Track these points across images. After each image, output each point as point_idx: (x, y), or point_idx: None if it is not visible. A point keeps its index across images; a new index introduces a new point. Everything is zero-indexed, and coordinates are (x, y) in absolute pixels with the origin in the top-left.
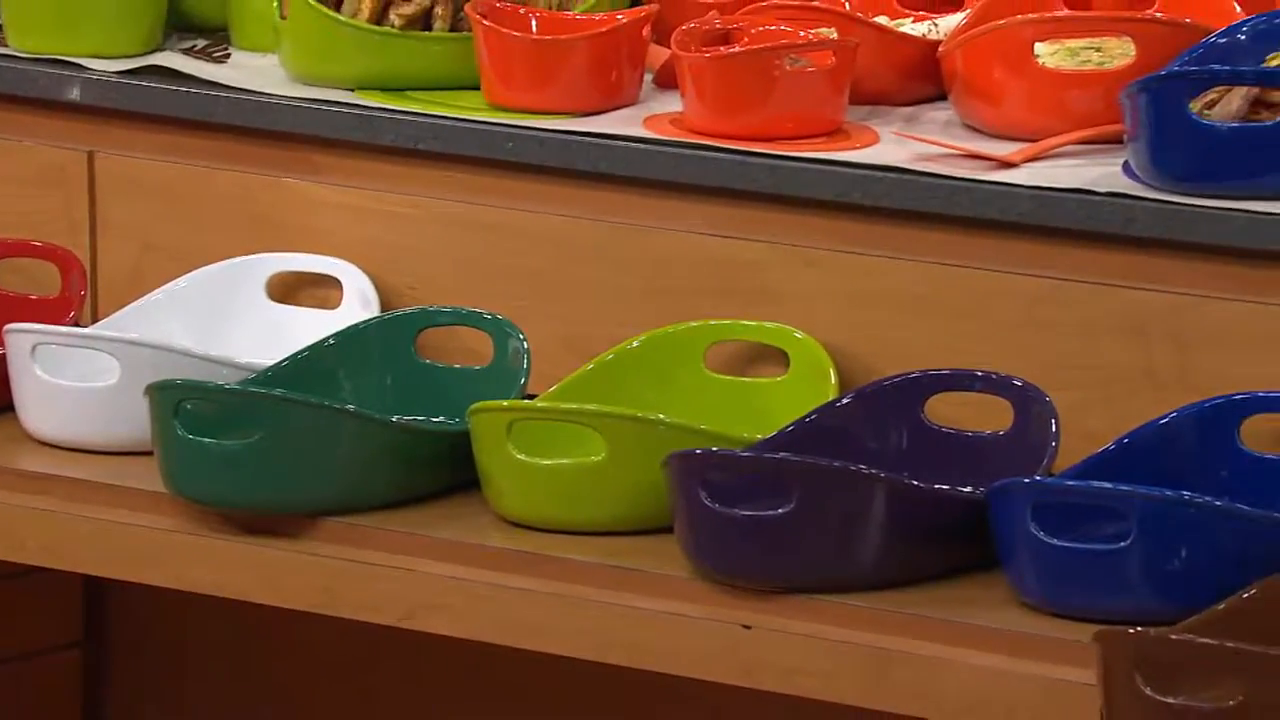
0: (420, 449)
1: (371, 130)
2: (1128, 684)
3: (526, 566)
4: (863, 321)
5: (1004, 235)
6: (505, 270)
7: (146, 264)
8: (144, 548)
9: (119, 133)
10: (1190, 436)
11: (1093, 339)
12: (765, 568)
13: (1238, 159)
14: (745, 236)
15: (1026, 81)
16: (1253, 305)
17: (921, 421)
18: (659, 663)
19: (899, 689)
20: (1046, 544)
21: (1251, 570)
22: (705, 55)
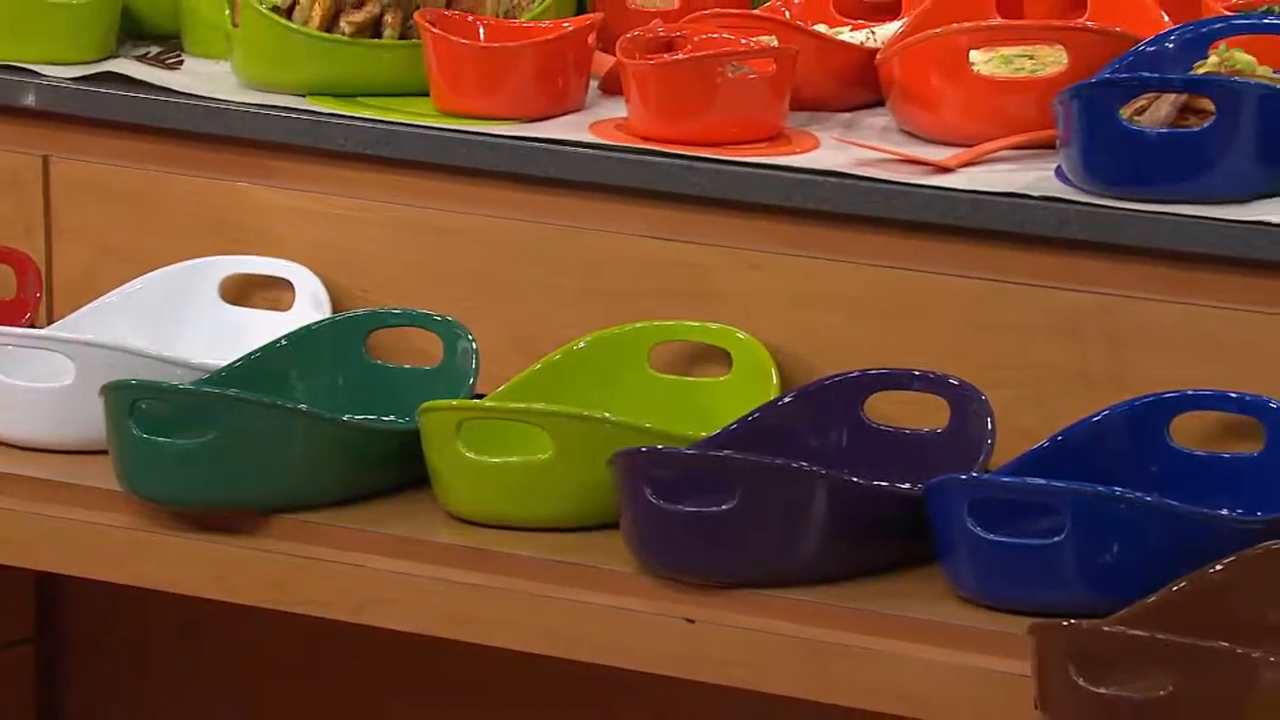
0: (371, 447)
1: (322, 135)
2: (1061, 675)
3: (475, 562)
4: (804, 322)
5: (941, 238)
6: (454, 272)
7: (101, 267)
8: (100, 545)
9: (74, 138)
10: (1121, 434)
11: (1028, 339)
12: (709, 563)
13: (1167, 164)
14: (689, 239)
15: (962, 88)
16: (1182, 306)
17: (861, 420)
18: (604, 656)
19: (840, 681)
20: (982, 539)
21: (1181, 564)
22: (649, 62)
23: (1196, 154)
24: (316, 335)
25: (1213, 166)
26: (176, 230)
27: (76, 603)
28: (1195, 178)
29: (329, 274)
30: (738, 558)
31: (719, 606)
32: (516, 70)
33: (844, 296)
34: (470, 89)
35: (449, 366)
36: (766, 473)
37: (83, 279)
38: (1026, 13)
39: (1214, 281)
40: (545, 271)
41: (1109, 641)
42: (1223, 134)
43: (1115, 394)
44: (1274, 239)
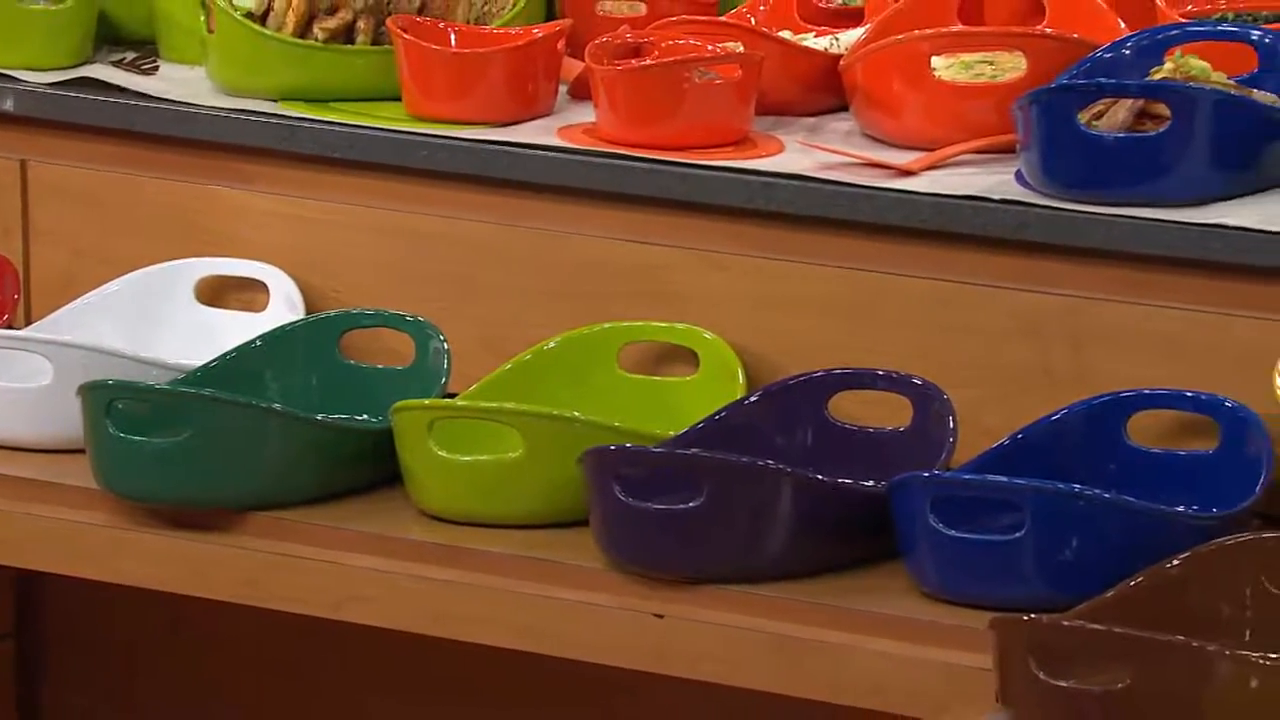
0: (345, 446)
1: (296, 140)
2: (1022, 668)
3: (448, 558)
4: (769, 323)
5: (904, 240)
6: (426, 274)
7: (78, 269)
8: (78, 543)
9: (51, 142)
10: (1080, 432)
11: (989, 339)
12: (677, 559)
13: (1124, 167)
14: (657, 241)
15: (924, 93)
16: (1140, 307)
17: (826, 419)
18: (575, 650)
19: (804, 675)
20: (945, 535)
21: (1138, 559)
22: (617, 68)
23: (1153, 158)
24: (290, 336)
25: (1169, 170)
26: (152, 233)
27: (56, 599)
28: (1152, 181)
29: (303, 275)
30: (705, 554)
31: (687, 602)
32: (487, 76)
33: (809, 298)
34: (441, 94)
35: (421, 366)
36: (733, 471)
37: (60, 281)
38: (987, 20)
39: (1171, 283)
40: (516, 273)
41: (1068, 635)
42: (1178, 138)
43: (1075, 393)
44: (1229, 241)
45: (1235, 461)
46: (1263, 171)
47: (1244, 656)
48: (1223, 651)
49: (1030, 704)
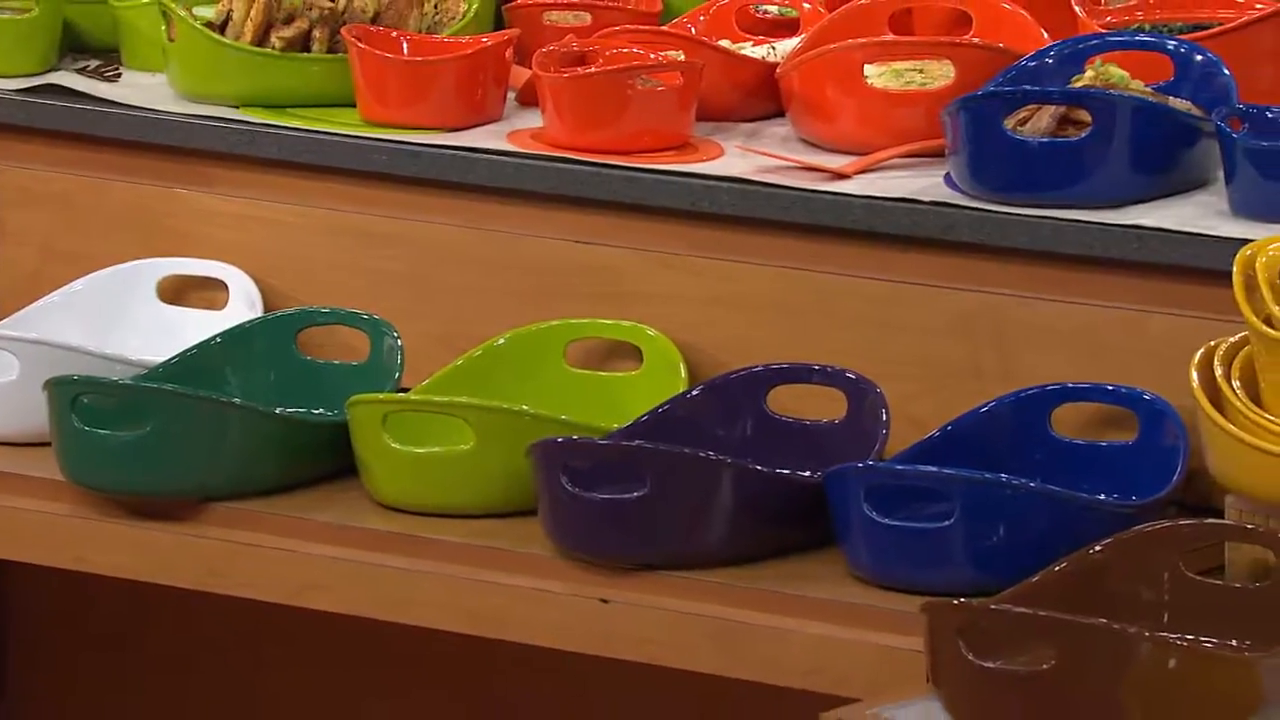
0: (302, 439)
1: (255, 144)
2: (952, 650)
3: (402, 547)
4: (711, 320)
5: (838, 241)
6: (380, 273)
7: (45, 269)
8: (43, 532)
9: (18, 147)
10: (1007, 424)
11: (919, 335)
12: (622, 547)
13: (1048, 171)
14: (602, 242)
15: (857, 100)
16: (1063, 304)
17: (764, 411)
18: (524, 635)
19: (744, 657)
20: (878, 523)
21: (1062, 545)
22: (564, 75)
23: (1075, 162)
24: (249, 333)
25: (1090, 174)
26: (116, 234)
27: (22, 586)
28: (1074, 184)
29: (261, 275)
30: (649, 542)
31: (632, 588)
32: (438, 83)
33: (748, 296)
34: (394, 100)
35: (375, 362)
36: (675, 461)
37: (27, 280)
38: (916, 30)
39: (1092, 281)
40: (467, 273)
41: (996, 619)
42: (1099, 143)
43: (1002, 386)
44: (1147, 242)
45: (1153, 452)
46: (1178, 175)
47: (1162, 638)
48: (1142, 634)
49: (960, 684)
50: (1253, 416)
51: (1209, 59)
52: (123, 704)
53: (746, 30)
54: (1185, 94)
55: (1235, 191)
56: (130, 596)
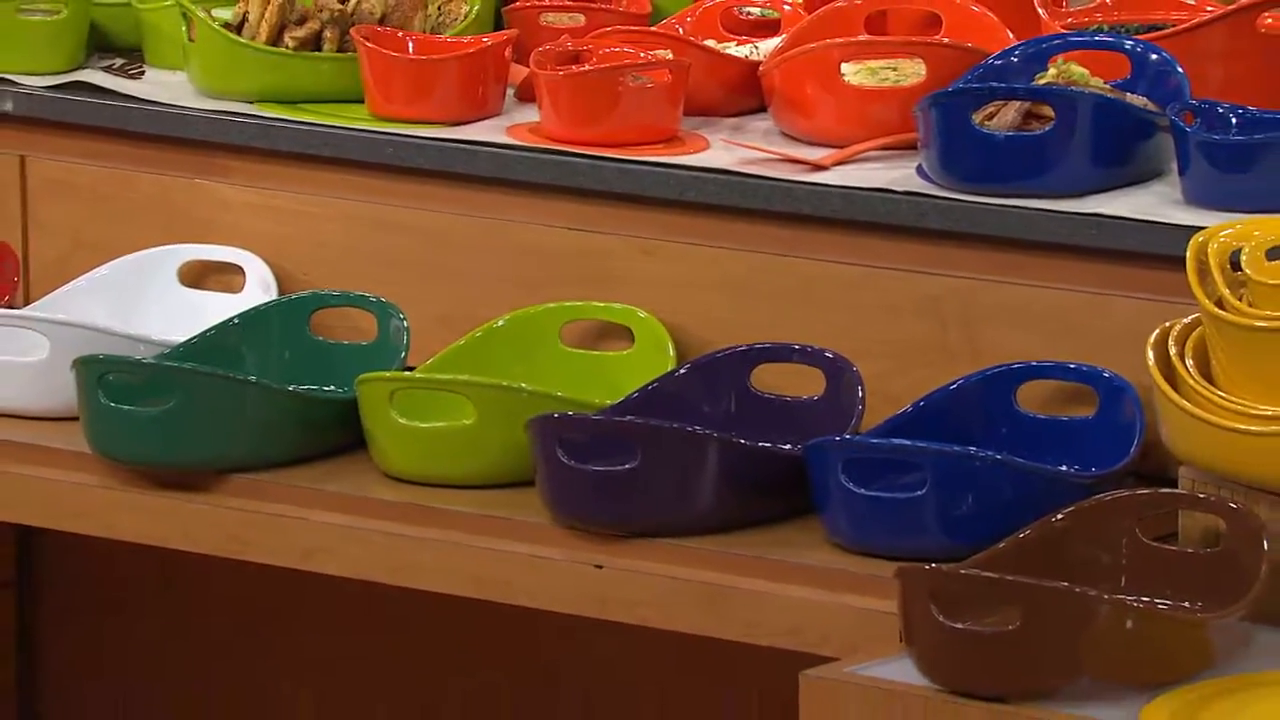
0: (314, 414)
1: (270, 138)
2: (924, 612)
3: (408, 516)
4: (698, 303)
5: (817, 229)
6: (388, 259)
7: (74, 255)
8: (73, 502)
9: (48, 140)
10: (975, 399)
11: (894, 317)
12: (614, 515)
13: (1013, 163)
14: (596, 229)
15: (834, 96)
16: (1027, 288)
17: (748, 388)
18: (523, 598)
19: (729, 618)
20: (855, 493)
21: (1027, 514)
22: (559, 73)
23: (1039, 154)
24: (265, 315)
25: (1053, 165)
26: (140, 222)
27: (53, 551)
28: (1038, 175)
29: (276, 260)
30: (640, 510)
31: (624, 554)
32: (442, 80)
33: (732, 280)
34: (401, 96)
35: (383, 342)
36: (664, 435)
37: (56, 266)
38: (890, 30)
39: (1055, 266)
40: (469, 258)
41: (965, 583)
42: (1061, 137)
43: (970, 365)
44: (1106, 229)
45: (1112, 426)
46: (1136, 166)
47: (1120, 600)
48: (1101, 596)
49: (931, 644)
50: (1205, 393)
51: (1164, 58)
52: (146, 663)
53: (730, 30)
54: (1141, 90)
55: (1188, 182)
56: (153, 561)
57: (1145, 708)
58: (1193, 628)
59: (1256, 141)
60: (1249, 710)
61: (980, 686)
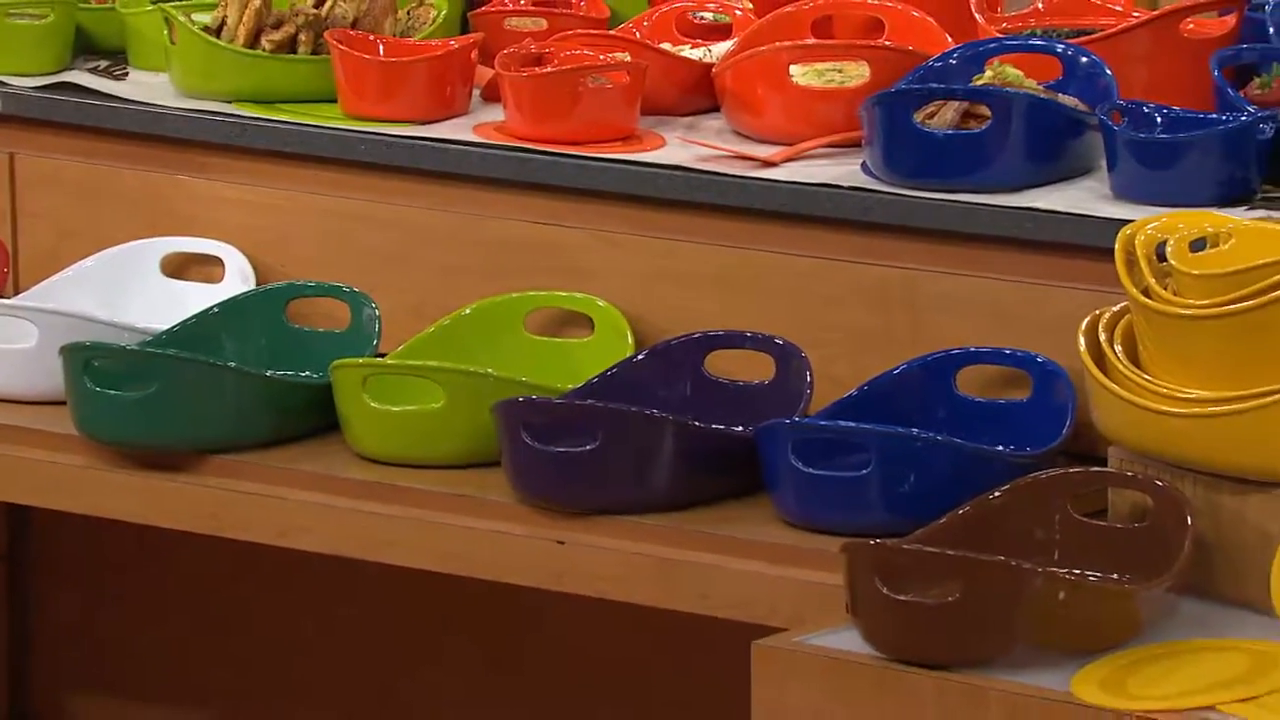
0: (290, 398)
1: (248, 136)
2: (868, 585)
3: (379, 494)
4: (654, 292)
5: (767, 222)
6: (360, 251)
7: (61, 247)
8: (61, 481)
9: (37, 138)
10: (917, 384)
11: (840, 305)
12: (575, 494)
13: (953, 159)
14: (557, 223)
15: (783, 96)
16: (966, 277)
17: (702, 373)
18: (489, 572)
19: (684, 591)
20: (803, 472)
21: (965, 491)
22: (523, 74)
23: (976, 151)
24: (243, 304)
25: (990, 162)
26: (124, 216)
27: (42, 528)
28: (976, 171)
29: (254, 252)
30: (599, 489)
31: (585, 530)
32: (411, 81)
33: (687, 270)
34: (372, 96)
35: (356, 330)
36: (623, 418)
37: (44, 257)
38: (836, 34)
39: (992, 257)
40: (437, 250)
41: (907, 557)
42: (997, 135)
43: (911, 350)
44: (1040, 222)
45: (1045, 408)
46: (1067, 163)
47: (1053, 573)
48: (1036, 569)
49: (875, 615)
50: (1132, 377)
51: (1093, 60)
52: (131, 631)
53: (685, 34)
54: (1072, 91)
55: (1116, 178)
56: (137, 537)
57: (1077, 673)
58: (1121, 598)
59: (1180, 140)
60: (1174, 675)
61: (922, 655)
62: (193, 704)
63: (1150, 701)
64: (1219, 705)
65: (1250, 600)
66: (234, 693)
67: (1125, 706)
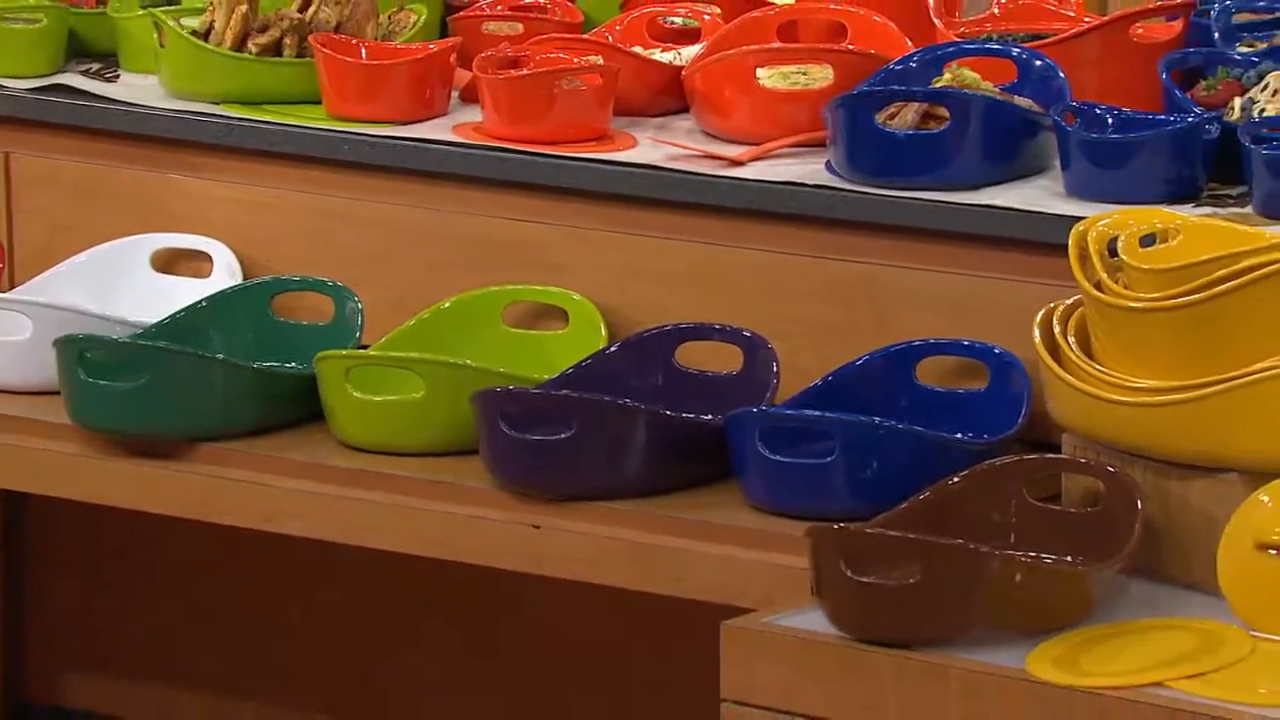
0: (276, 389)
1: (235, 136)
2: (832, 568)
3: (362, 481)
4: (627, 286)
5: (735, 219)
6: (344, 247)
7: (55, 243)
8: (55, 468)
9: (31, 138)
10: (879, 374)
11: (805, 298)
12: (551, 480)
13: (913, 159)
14: (533, 220)
15: (750, 98)
16: (926, 272)
17: (673, 364)
18: (468, 556)
19: (657, 574)
20: (770, 460)
21: (926, 477)
22: (500, 77)
23: (936, 151)
24: (230, 298)
25: (948, 161)
26: (115, 213)
27: (38, 514)
28: (935, 170)
29: (241, 248)
30: (575, 476)
31: (560, 516)
32: (392, 83)
33: (658, 265)
34: (355, 98)
35: (339, 323)
36: (597, 408)
37: (39, 253)
38: (801, 38)
39: (950, 252)
40: (417, 246)
41: (870, 540)
42: (956, 135)
43: (874, 342)
44: (997, 219)
45: (1002, 397)
46: (1023, 162)
47: (1010, 555)
48: (993, 552)
49: (840, 596)
50: (1085, 367)
51: (1047, 64)
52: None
53: (656, 38)
54: (1027, 93)
55: (1070, 176)
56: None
57: (1032, 652)
58: (1074, 580)
59: (1130, 140)
60: (1124, 654)
61: (884, 635)
62: (182, 685)
63: (1102, 678)
64: (1167, 681)
65: (1197, 581)
66: (222, 674)
67: (1078, 683)
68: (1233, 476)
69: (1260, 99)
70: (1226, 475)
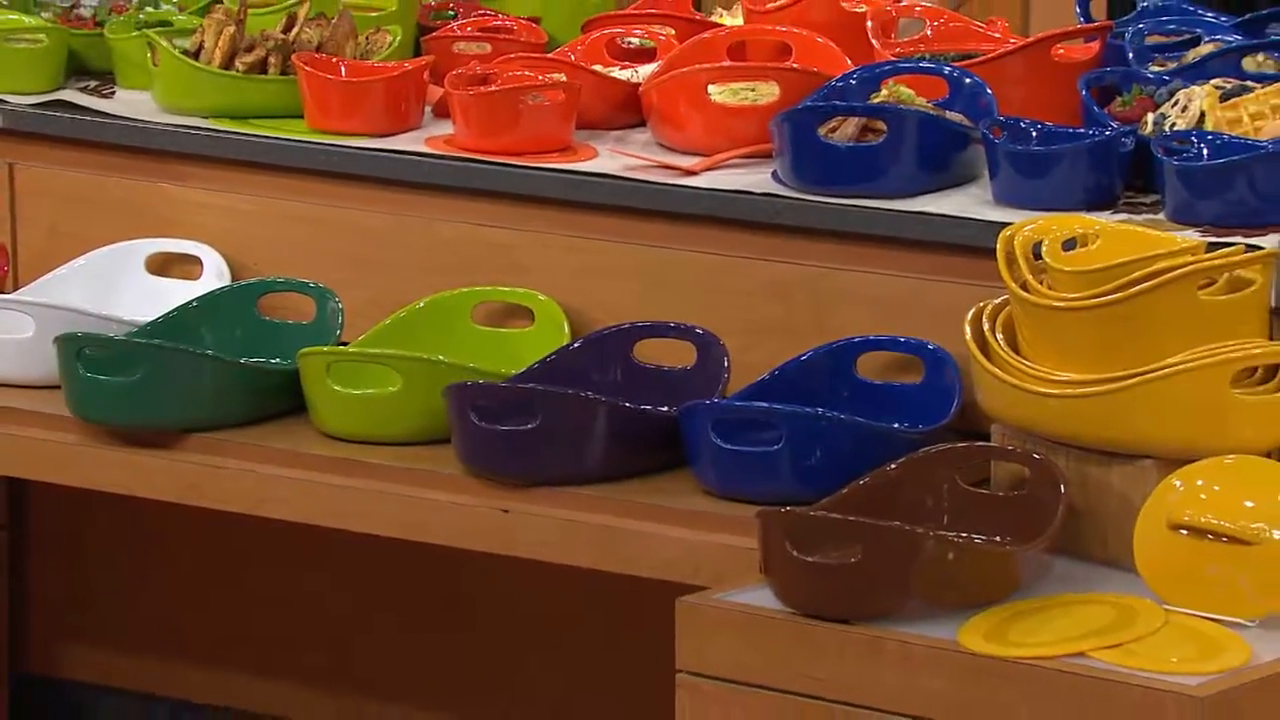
0: (262, 383)
1: (224, 148)
2: (780, 548)
3: (343, 469)
4: (589, 287)
5: (689, 224)
6: (325, 252)
7: (55, 247)
8: (55, 457)
9: (33, 149)
10: (822, 368)
11: (753, 298)
12: (518, 468)
13: (853, 169)
14: (502, 225)
15: (702, 113)
16: (865, 274)
17: (631, 360)
18: (441, 538)
19: (616, 554)
20: (722, 448)
21: (865, 464)
22: (470, 93)
23: (874, 162)
24: (219, 298)
25: (886, 171)
26: (111, 219)
27: (39, 500)
28: (874, 179)
29: (229, 252)
30: (541, 464)
31: (527, 501)
32: (369, 99)
33: (618, 268)
34: (335, 112)
35: (321, 322)
36: (561, 400)
37: (40, 257)
38: (749, 57)
39: (888, 256)
40: (394, 250)
41: (814, 523)
42: (893, 147)
43: (817, 339)
44: (931, 225)
45: (935, 390)
46: (955, 172)
47: (943, 536)
48: (928, 533)
49: (786, 575)
50: (1012, 362)
51: (976, 81)
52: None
53: (615, 57)
54: (958, 109)
55: (997, 185)
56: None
57: (964, 625)
58: (1003, 558)
59: (1053, 152)
60: (1049, 626)
61: (827, 610)
62: (174, 658)
63: (1028, 649)
64: (1089, 651)
65: (1114, 559)
66: (211, 647)
67: (1006, 654)
68: (1147, 463)
69: (1171, 114)
70: (1142, 461)
